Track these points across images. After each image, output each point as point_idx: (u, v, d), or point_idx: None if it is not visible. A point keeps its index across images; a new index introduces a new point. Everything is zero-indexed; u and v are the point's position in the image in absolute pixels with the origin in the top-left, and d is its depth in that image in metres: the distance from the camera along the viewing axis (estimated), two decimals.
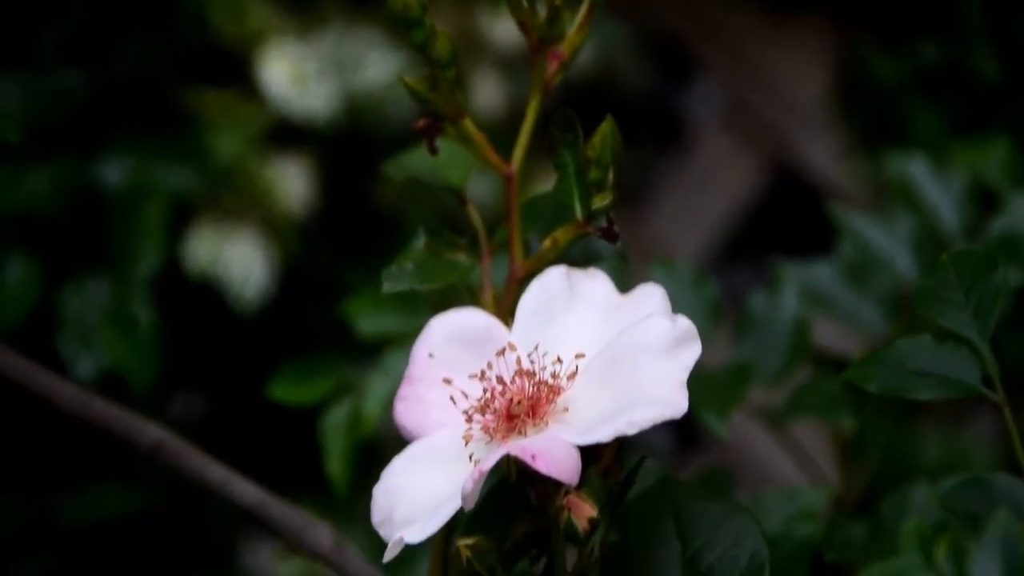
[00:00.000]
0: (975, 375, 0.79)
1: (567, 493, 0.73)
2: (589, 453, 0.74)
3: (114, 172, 1.56)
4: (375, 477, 0.77)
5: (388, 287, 0.83)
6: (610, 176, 0.81)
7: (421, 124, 0.85)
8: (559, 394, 0.75)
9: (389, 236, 1.76)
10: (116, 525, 1.68)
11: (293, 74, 1.66)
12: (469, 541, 0.74)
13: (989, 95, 1.95)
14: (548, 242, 0.83)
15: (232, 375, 1.77)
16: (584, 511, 0.73)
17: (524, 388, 0.75)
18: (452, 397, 0.77)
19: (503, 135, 0.88)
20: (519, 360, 0.77)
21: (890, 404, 1.30)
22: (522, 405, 0.75)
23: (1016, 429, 0.79)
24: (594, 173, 0.81)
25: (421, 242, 0.86)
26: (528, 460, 0.70)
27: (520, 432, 0.74)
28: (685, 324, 0.74)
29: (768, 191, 2.22)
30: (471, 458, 0.74)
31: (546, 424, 0.74)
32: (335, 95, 1.68)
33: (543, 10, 0.83)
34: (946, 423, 1.60)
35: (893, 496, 1.07)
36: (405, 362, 0.80)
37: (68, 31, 1.61)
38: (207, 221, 1.67)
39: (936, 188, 1.31)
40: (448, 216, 1.65)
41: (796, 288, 1.28)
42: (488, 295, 0.86)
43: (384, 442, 1.41)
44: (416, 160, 0.92)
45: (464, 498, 0.70)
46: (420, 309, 1.13)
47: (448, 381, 0.78)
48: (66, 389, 0.93)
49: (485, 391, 0.76)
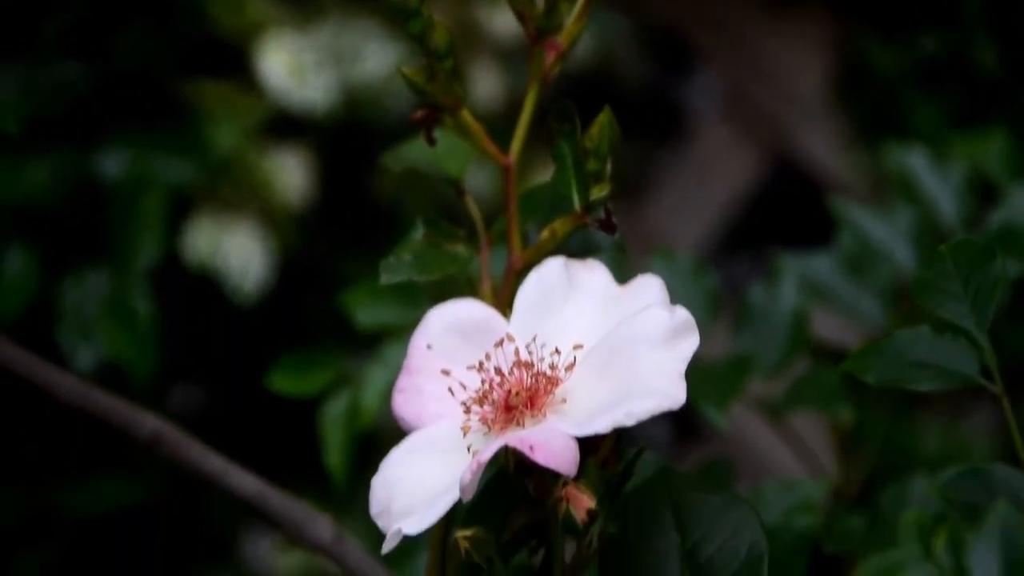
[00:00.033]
0: (974, 366, 0.79)
1: (565, 484, 0.73)
2: (587, 444, 0.73)
3: (113, 164, 1.56)
4: (374, 469, 0.77)
5: (386, 278, 0.83)
6: (608, 167, 0.81)
7: (419, 115, 0.84)
8: (557, 385, 0.75)
9: (387, 228, 1.76)
10: (116, 516, 1.68)
11: (291, 66, 1.66)
12: (467, 532, 0.74)
13: (988, 87, 1.95)
14: (546, 233, 0.83)
15: (231, 367, 1.77)
16: (582, 502, 0.73)
17: (522, 379, 0.75)
18: (450, 388, 0.77)
19: (502, 126, 0.88)
20: (517, 351, 0.77)
21: (889, 395, 1.30)
22: (520, 396, 0.75)
23: (1015, 420, 0.79)
24: (592, 164, 0.81)
25: (419, 233, 0.86)
26: (526, 451, 0.70)
27: (518, 423, 0.74)
28: (683, 315, 0.74)
29: (767, 183, 2.22)
30: (469, 449, 0.74)
31: (544, 415, 0.74)
32: (333, 87, 1.68)
33: (541, 0, 0.83)
34: (945, 415, 1.60)
35: (892, 487, 1.08)
36: (404, 354, 0.80)
37: (67, 23, 1.61)
38: (206, 213, 1.67)
39: (935, 180, 1.31)
40: (446, 207, 1.65)
41: (795, 280, 1.28)
42: (486, 286, 0.85)
43: (383, 433, 1.42)
44: (414, 151, 0.92)
45: (462, 489, 0.70)
46: (419, 301, 1.13)
47: (446, 372, 0.77)
48: (65, 380, 0.93)
49: (483, 382, 0.76)
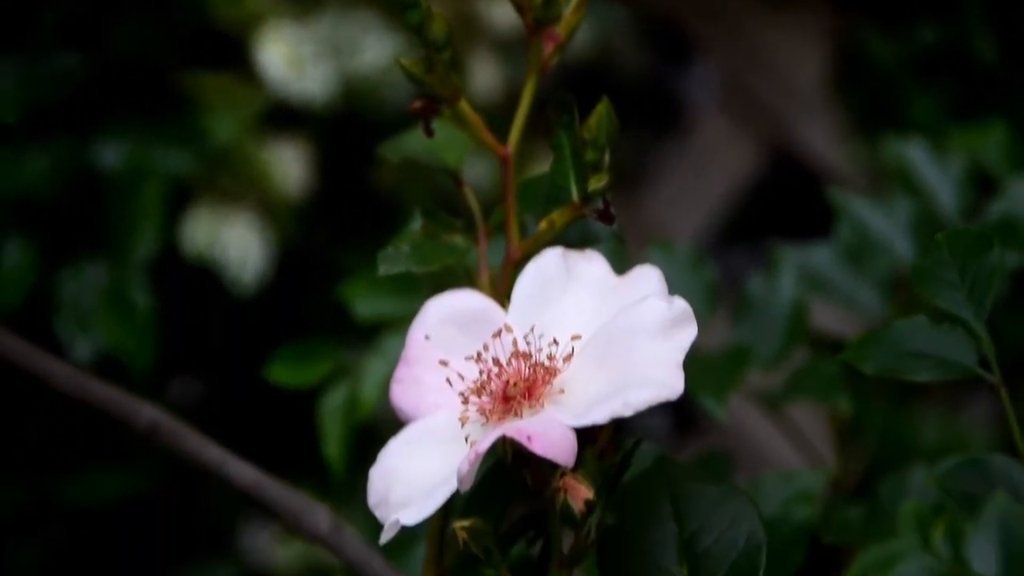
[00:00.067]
0: (971, 356, 0.79)
1: (563, 475, 0.73)
2: (585, 435, 0.73)
3: (111, 154, 1.56)
4: (372, 460, 0.77)
5: (384, 269, 0.83)
6: (606, 157, 0.81)
7: (417, 106, 0.84)
8: (555, 376, 0.75)
9: (386, 219, 1.76)
10: (115, 507, 1.68)
11: (290, 57, 1.66)
12: (465, 523, 0.74)
13: (987, 78, 1.94)
14: (544, 224, 0.83)
15: (229, 358, 1.77)
16: (580, 493, 0.73)
17: (520, 370, 0.75)
18: (448, 379, 0.77)
19: (500, 118, 0.88)
20: (515, 342, 0.77)
21: (887, 386, 1.30)
22: (518, 387, 0.75)
23: (1013, 411, 0.79)
24: (590, 154, 0.81)
25: (417, 224, 0.86)
26: (524, 441, 0.70)
27: (516, 414, 0.74)
28: (681, 305, 0.74)
29: (766, 174, 2.21)
30: (467, 440, 0.74)
31: (542, 406, 0.74)
32: (332, 78, 1.68)
33: None
34: (943, 406, 1.60)
35: (891, 478, 1.08)
36: (402, 345, 0.80)
37: (66, 14, 1.61)
38: (204, 204, 1.66)
39: (935, 172, 1.31)
40: (445, 199, 1.65)
41: (794, 271, 1.28)
42: (484, 277, 0.85)
43: (381, 425, 1.42)
44: (412, 142, 0.92)
45: (460, 479, 0.70)
46: (417, 292, 1.13)
47: (444, 363, 0.77)
48: (62, 370, 0.93)
49: (481, 373, 0.76)
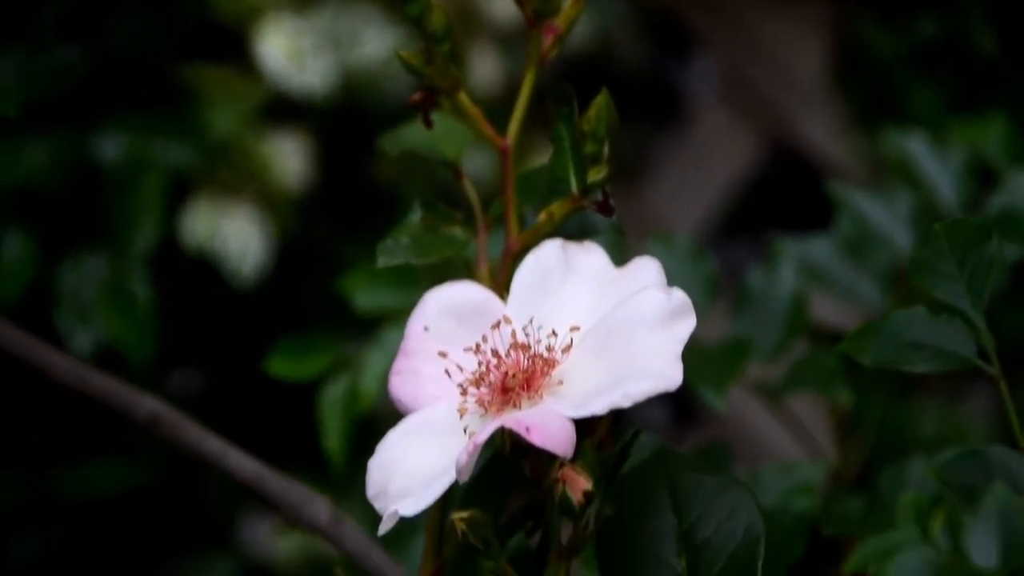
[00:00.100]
0: (970, 347, 0.79)
1: (562, 466, 0.73)
2: (584, 426, 0.74)
3: (111, 147, 1.56)
4: (372, 452, 0.77)
5: (383, 261, 0.83)
6: (605, 149, 0.81)
7: (416, 98, 0.84)
8: (554, 367, 0.75)
9: (386, 212, 1.76)
10: (115, 500, 1.68)
11: (290, 50, 1.65)
12: (464, 514, 0.74)
13: (986, 71, 1.94)
14: (544, 216, 0.83)
15: (229, 350, 1.77)
16: (579, 484, 0.73)
17: (519, 361, 0.75)
18: (447, 370, 0.77)
19: (500, 110, 0.88)
20: (514, 333, 0.77)
21: (887, 378, 1.30)
22: (517, 378, 0.75)
23: (1012, 403, 0.79)
24: (589, 146, 0.81)
25: (417, 216, 0.86)
26: (522, 432, 0.70)
27: (515, 405, 0.74)
28: (680, 297, 0.74)
29: (766, 167, 2.21)
30: (466, 431, 0.74)
31: (541, 397, 0.74)
32: (332, 71, 1.68)
33: None
34: (943, 398, 1.60)
35: (890, 470, 1.08)
36: (402, 337, 0.80)
37: (66, 7, 1.60)
38: (204, 196, 1.66)
39: (935, 164, 1.31)
40: (445, 191, 1.65)
41: (794, 263, 1.28)
42: (484, 269, 0.85)
43: (382, 417, 1.42)
44: (412, 134, 0.92)
45: (458, 470, 0.70)
46: (417, 284, 1.13)
47: (443, 354, 0.77)
48: (63, 361, 0.93)
49: (480, 364, 0.76)
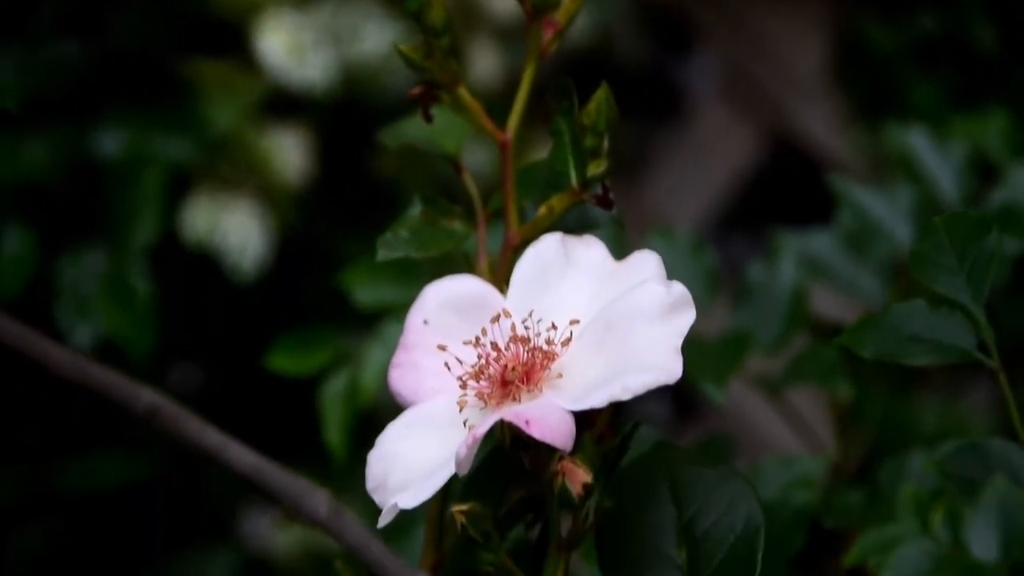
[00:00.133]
0: (970, 340, 0.79)
1: (561, 459, 0.73)
2: (584, 419, 0.74)
3: (111, 142, 1.56)
4: (372, 446, 0.77)
5: (383, 254, 0.83)
6: (605, 143, 0.81)
7: (416, 92, 0.85)
8: (553, 360, 0.75)
9: (386, 206, 1.76)
10: (116, 494, 1.68)
11: (290, 44, 1.65)
12: (464, 507, 0.74)
13: (986, 66, 1.94)
14: (543, 209, 0.83)
15: (229, 345, 1.77)
16: (578, 476, 0.73)
17: (519, 354, 0.75)
18: (447, 363, 0.77)
19: (500, 105, 0.88)
20: (514, 326, 0.77)
21: (887, 371, 1.30)
22: (516, 371, 0.75)
23: (1012, 396, 0.79)
24: (589, 140, 0.81)
25: (417, 210, 0.86)
26: (522, 425, 0.70)
27: (514, 398, 0.74)
28: (679, 290, 0.74)
29: (766, 162, 2.21)
30: (465, 424, 0.74)
31: (540, 390, 0.74)
32: (332, 65, 1.68)
33: None
34: (943, 391, 1.60)
35: (890, 463, 1.08)
36: (402, 331, 0.80)
37: (65, 2, 1.60)
38: (204, 191, 1.66)
39: (936, 159, 1.31)
40: (445, 185, 1.65)
41: (794, 257, 1.29)
42: (483, 262, 0.85)
43: (382, 411, 1.42)
44: (412, 128, 0.92)
45: (458, 464, 0.70)
46: (417, 279, 1.13)
47: (442, 348, 0.77)
48: (63, 354, 0.93)
49: (480, 357, 0.76)
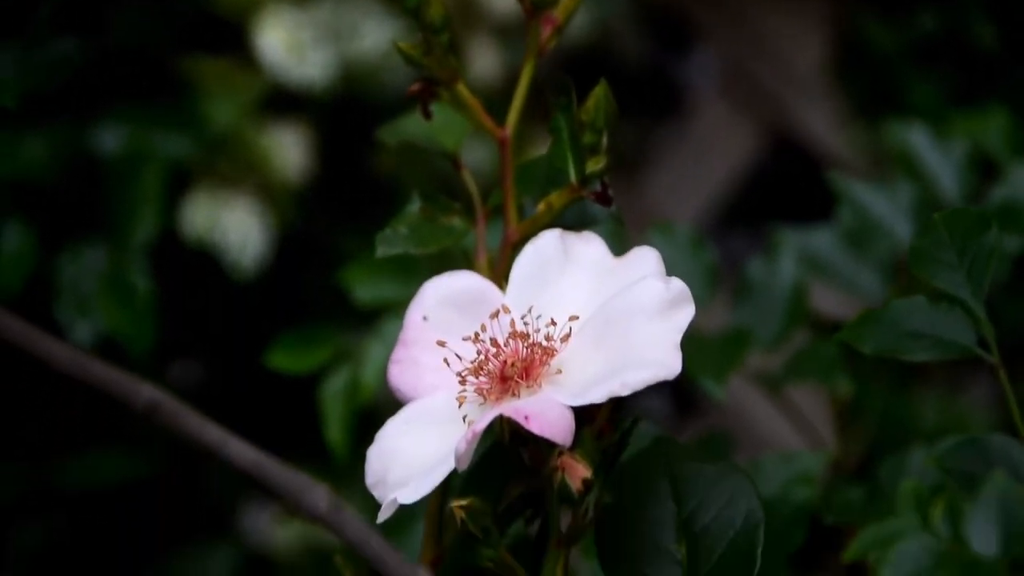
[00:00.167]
0: (970, 336, 0.79)
1: (561, 454, 0.73)
2: (583, 415, 0.74)
3: (111, 139, 1.56)
4: (372, 442, 0.77)
5: (382, 251, 0.83)
6: (604, 140, 0.81)
7: (415, 89, 0.85)
8: (553, 356, 0.75)
9: (386, 203, 1.76)
10: (115, 490, 1.68)
11: (290, 42, 1.65)
12: (463, 502, 0.74)
13: (986, 64, 1.94)
14: (542, 206, 0.83)
15: (229, 342, 1.77)
16: (578, 472, 0.73)
17: (518, 350, 0.75)
18: (446, 359, 0.77)
19: (500, 102, 0.88)
20: (513, 322, 0.77)
21: (887, 368, 1.30)
22: (516, 367, 0.75)
23: (1012, 392, 0.79)
24: (588, 137, 0.81)
25: (416, 206, 0.86)
26: (521, 421, 0.70)
27: (513, 394, 0.74)
28: (679, 286, 0.74)
29: (766, 160, 2.21)
30: (465, 420, 0.74)
31: (539, 386, 0.74)
32: (332, 63, 1.68)
33: None
34: (943, 388, 1.60)
35: (890, 459, 1.08)
36: (401, 328, 0.81)
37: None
38: (204, 188, 1.66)
39: (936, 157, 1.31)
40: (444, 182, 1.65)
41: (794, 254, 1.29)
42: (483, 259, 0.86)
43: (383, 408, 1.42)
44: (411, 125, 0.92)
45: (457, 459, 0.70)
46: (417, 276, 1.13)
47: (442, 344, 0.78)
48: (63, 351, 0.93)
49: (479, 353, 0.76)
